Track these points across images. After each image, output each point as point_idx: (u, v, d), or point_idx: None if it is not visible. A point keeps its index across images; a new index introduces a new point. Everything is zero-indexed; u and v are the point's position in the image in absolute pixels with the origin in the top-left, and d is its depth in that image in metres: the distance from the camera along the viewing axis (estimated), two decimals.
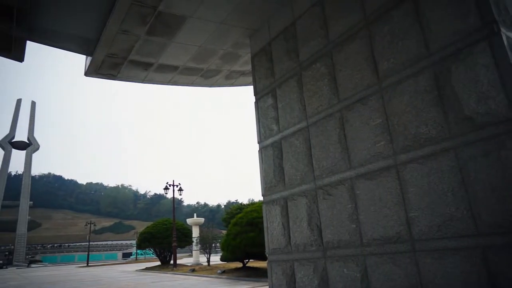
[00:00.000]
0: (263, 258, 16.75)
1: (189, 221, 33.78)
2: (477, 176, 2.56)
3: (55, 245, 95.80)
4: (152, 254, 34.90)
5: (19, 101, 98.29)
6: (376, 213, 3.26)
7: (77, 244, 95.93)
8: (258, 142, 5.19)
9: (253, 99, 5.46)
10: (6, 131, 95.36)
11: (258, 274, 16.29)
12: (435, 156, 2.84)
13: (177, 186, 31.13)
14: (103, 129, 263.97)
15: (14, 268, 63.13)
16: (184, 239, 30.72)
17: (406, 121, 3.10)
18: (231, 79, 7.55)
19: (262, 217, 5.08)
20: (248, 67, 6.86)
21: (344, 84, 3.80)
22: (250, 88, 5.68)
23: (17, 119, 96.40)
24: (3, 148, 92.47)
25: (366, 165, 3.42)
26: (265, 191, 4.90)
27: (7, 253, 78.22)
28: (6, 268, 64.94)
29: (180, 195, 31.75)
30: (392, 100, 3.26)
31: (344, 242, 3.55)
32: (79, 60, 6.72)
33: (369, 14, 3.59)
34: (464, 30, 2.74)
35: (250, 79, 6.05)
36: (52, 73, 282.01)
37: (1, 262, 69.84)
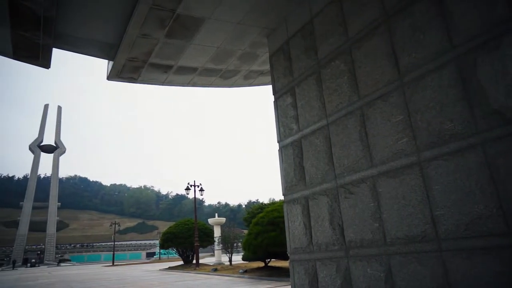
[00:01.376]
0: (285, 257, 16.71)
1: (210, 221, 34.11)
2: (507, 172, 2.46)
3: (84, 244, 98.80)
4: (175, 253, 35.47)
5: (46, 106, 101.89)
6: (399, 212, 3.19)
7: (103, 244, 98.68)
8: (278, 141, 5.18)
9: (272, 98, 5.45)
10: (35, 135, 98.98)
11: (280, 273, 16.26)
12: (461, 153, 2.75)
13: (198, 186, 31.49)
14: (125, 131, 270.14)
15: (45, 266, 65.72)
16: (206, 238, 31.06)
17: (429, 117, 3.02)
18: (249, 79, 7.57)
19: (283, 217, 5.06)
20: (267, 67, 6.86)
21: (364, 81, 3.74)
22: (270, 88, 5.67)
23: (45, 124, 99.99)
24: (32, 152, 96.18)
25: (388, 163, 3.35)
26: (286, 190, 4.88)
27: (39, 252, 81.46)
28: (38, 266, 67.81)
29: (201, 195, 32.11)
30: (414, 95, 3.17)
31: (367, 241, 3.49)
32: (102, 65, 6.89)
33: (389, 8, 3.51)
34: (491, 21, 2.64)
35: (269, 78, 6.05)
36: (77, 78, 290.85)
37: (33, 260, 73.11)
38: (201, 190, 31.44)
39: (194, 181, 31.31)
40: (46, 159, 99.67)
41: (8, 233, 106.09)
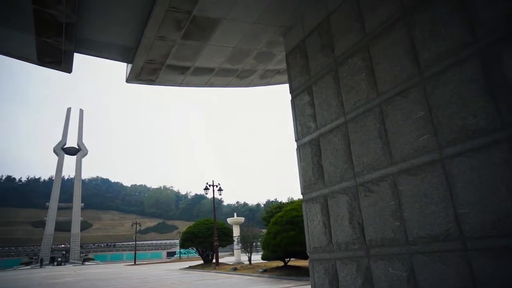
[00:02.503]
0: (304, 257, 16.64)
1: (229, 220, 34.32)
2: None
3: (109, 244, 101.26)
4: (195, 253, 35.85)
5: (69, 110, 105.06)
6: (421, 210, 3.12)
7: (125, 243, 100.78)
8: (296, 140, 5.15)
9: (289, 97, 5.43)
10: (58, 138, 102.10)
11: (300, 273, 16.19)
12: (486, 149, 2.66)
13: (216, 186, 31.72)
14: (144, 132, 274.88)
15: (71, 265, 67.83)
16: (225, 238, 31.27)
17: (451, 112, 2.94)
18: (266, 78, 7.57)
19: (302, 216, 5.04)
20: (283, 66, 6.84)
21: (382, 77, 3.68)
22: (287, 86, 5.65)
23: (67, 127, 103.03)
24: (57, 154, 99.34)
25: (409, 160, 3.28)
26: (304, 189, 4.86)
27: (64, 252, 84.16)
28: (64, 265, 70.17)
29: (220, 195, 32.33)
30: (435, 91, 3.09)
31: (388, 240, 3.43)
32: (121, 68, 7.03)
33: (407, 2, 3.44)
34: None
35: (285, 77, 6.02)
36: (97, 81, 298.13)
37: (59, 259, 75.75)
38: (220, 190, 31.67)
39: (213, 181, 31.59)
40: (69, 161, 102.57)
41: (35, 233, 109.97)
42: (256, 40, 5.89)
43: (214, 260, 28.35)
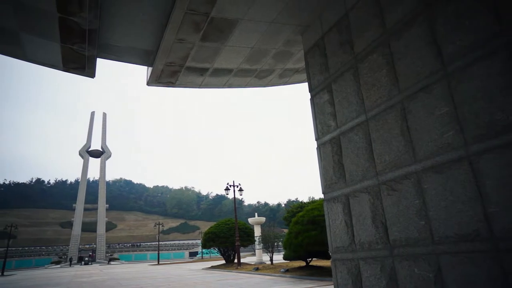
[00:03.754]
0: (326, 256, 16.48)
1: (250, 220, 34.40)
2: None
3: (135, 244, 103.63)
4: (217, 253, 36.14)
5: (92, 114, 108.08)
6: (447, 209, 3.02)
7: (148, 243, 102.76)
8: (316, 139, 5.11)
9: (308, 96, 5.39)
10: (83, 141, 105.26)
11: (322, 273, 16.05)
12: None
13: (237, 186, 31.86)
14: (165, 134, 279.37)
15: (97, 264, 69.91)
16: (246, 238, 31.36)
17: (477, 108, 2.83)
18: (285, 78, 7.54)
19: (323, 215, 4.99)
20: (302, 64, 6.80)
21: (404, 73, 3.59)
22: (306, 85, 5.61)
23: (92, 130, 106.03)
24: (82, 157, 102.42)
25: (434, 158, 3.19)
26: (325, 188, 4.81)
27: (91, 252, 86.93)
28: (91, 264, 72.50)
29: (241, 195, 32.44)
30: (460, 86, 2.99)
31: (413, 240, 3.34)
32: (142, 71, 7.18)
33: None
34: None
35: (304, 76, 5.98)
36: (119, 85, 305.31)
37: (87, 259, 78.39)
38: (240, 190, 31.80)
39: (233, 181, 31.73)
40: (94, 163, 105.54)
41: (63, 233, 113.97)
42: (274, 39, 5.87)
43: (236, 260, 28.49)
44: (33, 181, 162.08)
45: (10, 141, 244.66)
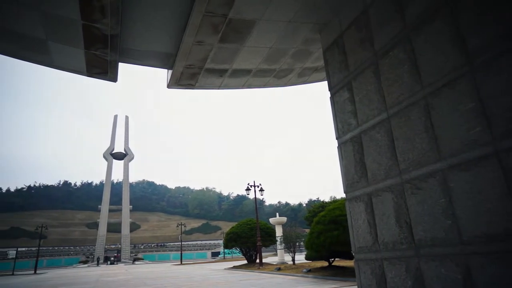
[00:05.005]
0: (349, 256, 16.27)
1: (272, 220, 34.37)
2: None
3: (158, 244, 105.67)
4: (239, 253, 36.29)
5: (115, 117, 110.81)
6: (476, 208, 2.92)
7: (171, 244, 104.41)
8: (337, 138, 5.05)
9: (328, 94, 5.34)
10: (107, 144, 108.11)
11: (345, 273, 15.85)
12: None
13: (258, 186, 31.88)
14: (186, 135, 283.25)
15: (122, 264, 71.74)
16: (268, 238, 31.35)
17: (506, 102, 2.73)
18: (304, 77, 7.50)
19: (345, 215, 4.93)
20: (321, 63, 6.74)
21: (426, 69, 3.50)
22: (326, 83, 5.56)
23: (115, 133, 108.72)
24: (106, 159, 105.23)
25: (459, 155, 3.09)
26: (347, 187, 4.75)
27: (116, 252, 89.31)
28: (117, 264, 74.46)
29: (262, 195, 32.46)
30: (486, 80, 2.89)
31: (439, 239, 3.25)
32: (162, 74, 7.31)
33: None
34: None
35: (323, 74, 5.93)
36: (141, 87, 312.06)
37: (112, 258, 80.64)
38: (261, 190, 31.82)
39: (254, 182, 31.78)
40: (117, 165, 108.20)
41: (90, 233, 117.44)
42: (292, 38, 5.85)
43: (257, 260, 28.53)
44: (61, 183, 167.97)
45: (40, 144, 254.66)
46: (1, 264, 67.13)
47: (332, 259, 18.35)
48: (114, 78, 6.63)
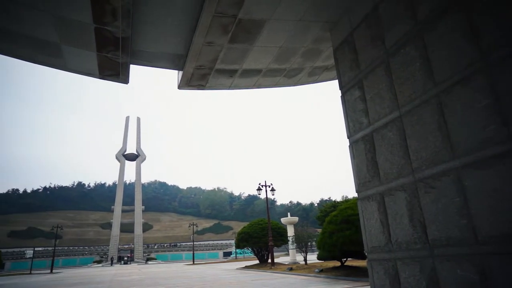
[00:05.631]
0: (361, 256, 16.12)
1: (283, 220, 34.33)
2: None
3: (171, 244, 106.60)
4: (250, 253, 36.34)
5: (127, 119, 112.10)
6: (492, 207, 2.86)
7: (183, 244, 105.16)
8: (348, 137, 5.02)
9: (339, 93, 5.30)
10: (119, 145, 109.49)
11: (358, 273, 15.72)
12: None
13: (269, 186, 31.86)
14: (197, 136, 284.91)
15: (136, 264, 72.60)
16: (279, 238, 31.30)
17: None
18: (314, 76, 7.46)
19: (357, 214, 4.89)
20: (331, 62, 6.70)
21: (439, 66, 3.44)
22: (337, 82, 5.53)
23: (127, 134, 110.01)
24: (118, 160, 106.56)
25: (474, 153, 3.03)
26: (359, 187, 4.70)
27: (129, 252, 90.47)
28: (130, 263, 75.40)
29: (273, 195, 32.43)
30: (502, 77, 2.83)
31: (455, 239, 3.19)
32: (174, 75, 7.36)
33: None
34: None
35: (334, 73, 5.89)
36: (152, 89, 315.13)
37: (126, 258, 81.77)
38: (272, 190, 31.79)
39: (265, 181, 31.77)
40: (130, 166, 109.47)
41: (103, 234, 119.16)
42: (302, 37, 5.83)
43: (269, 260, 28.51)
44: (75, 184, 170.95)
45: (55, 146, 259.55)
46: (20, 264, 68.93)
47: (345, 259, 18.21)
48: (125, 80, 6.72)
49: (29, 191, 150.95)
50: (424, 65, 3.62)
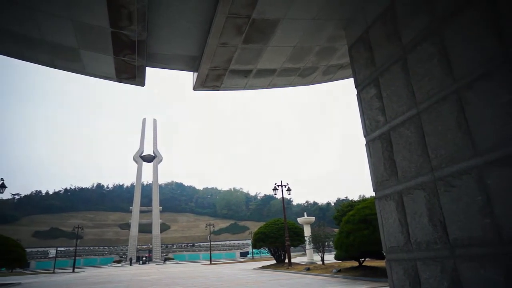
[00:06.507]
0: (379, 256, 15.89)
1: (300, 220, 34.18)
2: None
3: (188, 244, 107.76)
4: (267, 253, 36.32)
5: (144, 120, 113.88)
6: None
7: (200, 244, 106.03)
8: (365, 136, 4.95)
9: (355, 91, 5.24)
10: (136, 147, 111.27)
11: (377, 273, 15.50)
12: None
13: (285, 186, 31.77)
14: (213, 136, 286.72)
15: (154, 264, 73.62)
16: (296, 238, 31.18)
17: None
18: (329, 74, 7.40)
19: (375, 214, 4.81)
20: (346, 60, 6.63)
21: (458, 61, 3.35)
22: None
23: (144, 136, 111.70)
24: (136, 162, 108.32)
25: (497, 150, 2.94)
26: (377, 186, 4.64)
27: (148, 252, 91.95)
28: (148, 263, 76.61)
29: (289, 195, 32.36)
30: None
31: (477, 239, 3.11)
32: (188, 77, 7.43)
33: None
34: None
35: (349, 71, 5.82)
36: (168, 90, 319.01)
37: (144, 258, 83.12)
38: (288, 189, 31.70)
39: (281, 181, 31.69)
40: (147, 167, 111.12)
41: (123, 234, 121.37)
42: (317, 36, 5.79)
43: (286, 260, 28.42)
44: (94, 186, 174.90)
45: (75, 148, 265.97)
46: (44, 263, 71.12)
47: (363, 259, 17.99)
48: (142, 83, 6.82)
49: (51, 192, 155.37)
50: (442, 61, 3.54)
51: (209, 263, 56.34)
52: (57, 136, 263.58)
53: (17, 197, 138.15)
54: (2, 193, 25.53)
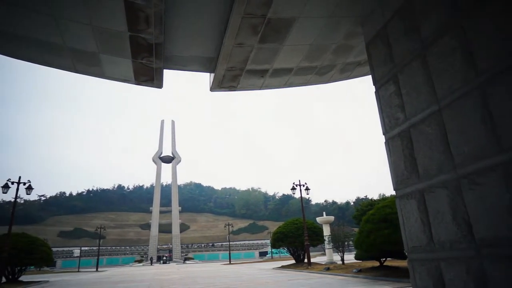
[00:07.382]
0: (401, 256, 15.60)
1: (319, 219, 33.95)
2: None
3: (208, 244, 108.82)
4: (286, 252, 36.22)
5: (162, 122, 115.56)
6: None
7: (219, 243, 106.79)
8: (384, 133, 4.86)
9: (373, 88, 5.16)
10: (155, 148, 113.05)
11: (398, 273, 15.21)
12: None
13: (303, 185, 31.61)
14: (230, 137, 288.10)
15: (174, 263, 74.74)
16: (315, 237, 30.99)
17: None
18: (346, 72, 7.31)
19: (396, 213, 4.72)
20: (363, 57, 6.53)
21: (482, 54, 3.24)
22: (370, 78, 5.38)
23: (162, 137, 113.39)
24: (155, 163, 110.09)
25: None
26: (397, 184, 4.55)
27: (168, 251, 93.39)
28: (169, 263, 77.85)
29: (308, 194, 32.18)
30: None
31: (505, 239, 3.00)
32: (205, 78, 7.49)
33: None
34: None
35: (367, 69, 5.73)
36: (185, 92, 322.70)
37: (164, 258, 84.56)
38: (307, 189, 31.53)
39: (299, 181, 31.55)
40: (166, 168, 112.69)
41: (143, 234, 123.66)
42: (333, 34, 5.73)
43: (305, 260, 28.27)
44: (115, 187, 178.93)
45: (96, 150, 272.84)
46: (69, 262, 73.52)
47: (384, 259, 17.70)
48: (160, 85, 6.92)
49: (74, 194, 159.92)
50: (464, 55, 3.44)
51: (228, 262, 56.66)
52: (78, 139, 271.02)
53: (43, 198, 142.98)
54: (29, 194, 26.48)
